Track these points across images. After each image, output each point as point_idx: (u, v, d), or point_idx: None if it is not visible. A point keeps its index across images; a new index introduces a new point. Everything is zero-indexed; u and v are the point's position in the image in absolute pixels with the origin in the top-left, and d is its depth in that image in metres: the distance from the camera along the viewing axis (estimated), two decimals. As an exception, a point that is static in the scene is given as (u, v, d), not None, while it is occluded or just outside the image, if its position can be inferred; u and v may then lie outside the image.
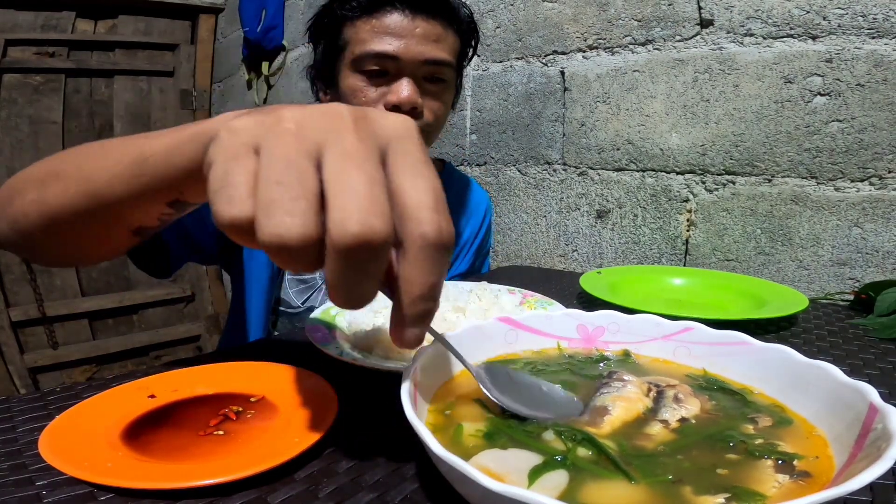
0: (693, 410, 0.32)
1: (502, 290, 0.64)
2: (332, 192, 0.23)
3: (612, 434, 0.30)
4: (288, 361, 0.45)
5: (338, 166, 0.23)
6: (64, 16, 2.17)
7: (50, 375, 2.20)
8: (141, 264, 0.67)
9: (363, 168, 0.23)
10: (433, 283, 0.25)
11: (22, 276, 2.12)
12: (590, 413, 0.32)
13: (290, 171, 0.22)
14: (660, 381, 0.35)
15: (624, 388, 0.34)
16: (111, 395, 0.39)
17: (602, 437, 0.29)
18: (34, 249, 0.46)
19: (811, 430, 0.29)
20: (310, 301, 0.83)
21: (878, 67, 0.78)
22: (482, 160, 1.35)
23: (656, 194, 1.04)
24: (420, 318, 0.26)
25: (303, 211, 0.22)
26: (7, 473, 0.31)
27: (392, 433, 0.36)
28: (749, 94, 0.90)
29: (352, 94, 0.73)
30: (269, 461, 0.30)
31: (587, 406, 0.33)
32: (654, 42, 1.01)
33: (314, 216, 0.22)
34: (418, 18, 0.71)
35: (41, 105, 2.15)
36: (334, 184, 0.23)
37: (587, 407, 0.33)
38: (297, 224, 0.22)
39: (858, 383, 0.28)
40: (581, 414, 0.32)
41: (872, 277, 0.81)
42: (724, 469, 0.26)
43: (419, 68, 0.72)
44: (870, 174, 0.81)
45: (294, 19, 1.98)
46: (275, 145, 0.23)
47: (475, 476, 0.21)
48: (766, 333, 0.60)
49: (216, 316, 2.58)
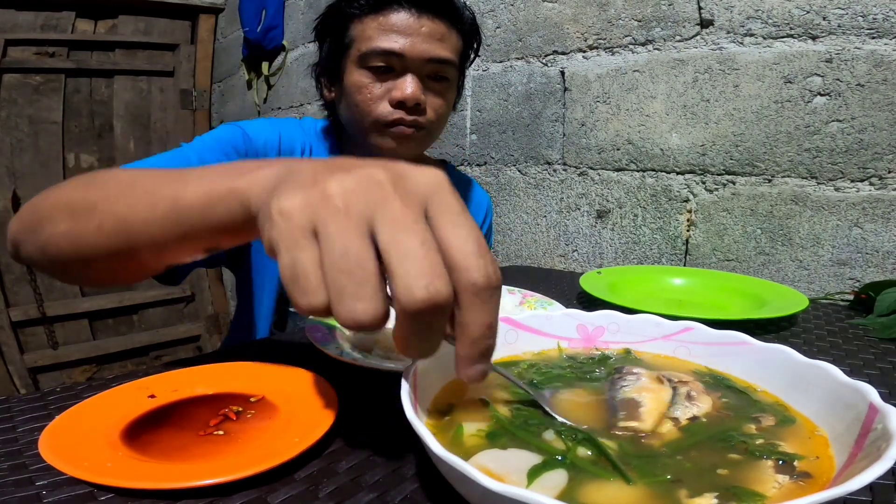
0: (704, 408, 0.32)
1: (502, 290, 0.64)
2: (393, 261, 0.24)
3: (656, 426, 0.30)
4: (288, 361, 0.45)
5: (392, 236, 0.25)
6: (64, 16, 2.17)
7: (50, 375, 2.20)
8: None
9: (415, 231, 0.25)
10: (489, 322, 0.27)
11: (22, 276, 2.12)
12: (621, 408, 0.32)
13: (350, 258, 0.25)
14: (672, 377, 0.35)
15: (640, 381, 0.34)
16: (111, 395, 0.39)
17: (648, 431, 0.30)
18: (66, 274, 0.47)
19: (813, 429, 0.29)
20: None
21: (878, 67, 0.78)
22: (482, 160, 1.35)
23: (656, 194, 1.04)
24: (482, 355, 0.28)
25: (369, 295, 0.25)
26: (7, 473, 0.31)
27: (392, 433, 0.36)
28: (749, 94, 0.90)
29: (357, 90, 0.74)
30: (269, 461, 0.30)
31: (613, 403, 0.33)
32: (655, 42, 1.01)
33: (379, 294, 0.25)
34: (424, 17, 0.72)
35: (41, 105, 2.15)
36: (393, 253, 0.25)
37: (614, 403, 0.33)
38: (366, 308, 0.25)
39: (858, 383, 0.28)
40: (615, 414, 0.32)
41: (872, 277, 0.81)
42: (725, 469, 0.26)
43: (423, 66, 0.73)
44: (870, 174, 0.81)
45: (294, 19, 1.98)
46: (332, 230, 0.25)
47: (475, 476, 0.21)
48: (766, 333, 0.60)
49: (216, 316, 2.58)
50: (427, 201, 0.27)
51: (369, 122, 0.75)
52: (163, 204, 0.35)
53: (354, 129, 0.78)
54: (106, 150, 2.35)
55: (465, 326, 0.26)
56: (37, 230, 0.43)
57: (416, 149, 0.79)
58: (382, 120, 0.74)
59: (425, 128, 0.76)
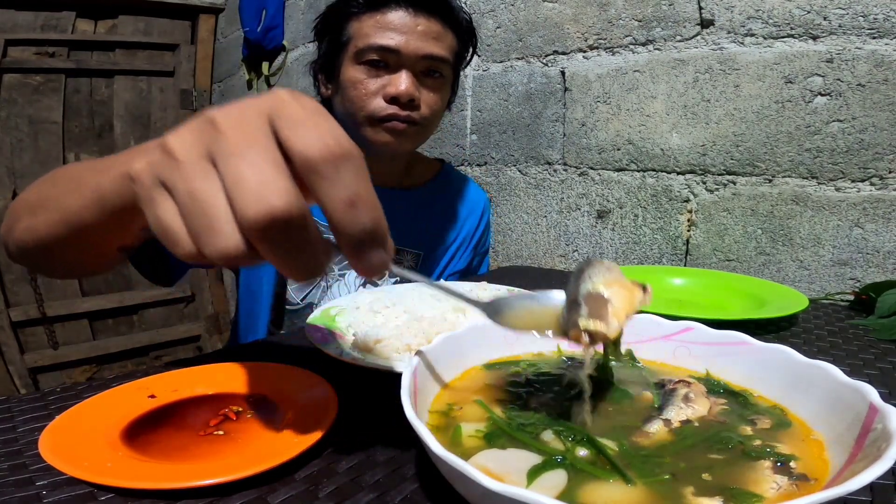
0: (700, 412, 0.32)
1: (502, 290, 0.64)
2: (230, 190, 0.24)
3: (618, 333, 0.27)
4: (288, 361, 0.45)
5: (226, 166, 0.25)
6: (64, 16, 2.17)
7: (50, 375, 2.20)
8: (144, 273, 0.68)
9: (245, 155, 0.24)
10: (344, 197, 0.25)
11: (22, 276, 2.12)
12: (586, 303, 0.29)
13: (196, 199, 0.25)
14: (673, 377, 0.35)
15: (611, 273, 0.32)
16: (111, 395, 0.39)
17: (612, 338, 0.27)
18: (39, 267, 0.51)
19: (809, 433, 0.29)
20: (310, 297, 0.84)
21: (879, 67, 0.78)
22: (482, 160, 1.35)
23: (657, 194, 1.04)
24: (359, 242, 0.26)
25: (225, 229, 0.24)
26: (7, 473, 0.31)
27: (392, 433, 0.36)
28: (750, 95, 0.90)
29: (352, 85, 0.76)
30: (269, 461, 0.30)
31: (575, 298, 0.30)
32: (655, 42, 1.01)
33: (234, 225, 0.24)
34: (420, 16, 0.74)
35: (41, 105, 2.15)
36: (228, 182, 0.24)
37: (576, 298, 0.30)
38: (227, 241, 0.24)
39: (858, 383, 0.28)
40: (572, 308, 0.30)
41: (873, 278, 0.81)
42: (722, 470, 0.26)
43: (418, 63, 0.76)
44: (870, 174, 0.81)
45: (294, 19, 1.98)
46: (176, 180, 0.25)
47: (475, 476, 0.21)
48: (766, 333, 0.60)
49: (216, 316, 2.58)
50: (271, 121, 0.26)
51: (363, 116, 0.76)
52: (89, 192, 0.37)
53: (349, 124, 0.79)
54: (106, 150, 2.35)
55: (327, 214, 0.25)
56: (12, 229, 0.47)
57: (409, 144, 0.81)
58: (376, 115, 0.75)
59: (419, 123, 0.78)
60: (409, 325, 0.52)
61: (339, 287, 0.85)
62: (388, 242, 0.28)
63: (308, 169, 0.25)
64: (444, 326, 0.52)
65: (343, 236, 0.26)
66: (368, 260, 0.27)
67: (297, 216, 0.24)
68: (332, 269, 0.84)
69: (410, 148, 0.83)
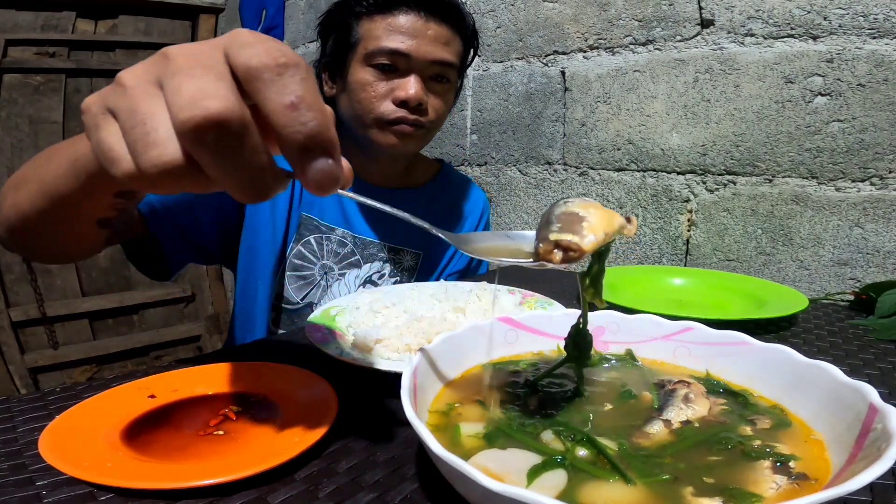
0: (700, 412, 0.32)
1: (502, 289, 0.64)
2: (169, 103, 0.24)
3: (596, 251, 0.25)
4: (288, 361, 0.45)
5: (169, 84, 0.24)
6: (64, 16, 2.17)
7: (50, 375, 2.20)
8: (141, 268, 0.68)
9: (191, 73, 0.24)
10: (287, 102, 0.24)
11: (22, 276, 2.12)
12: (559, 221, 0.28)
13: (136, 114, 0.25)
14: (673, 377, 0.35)
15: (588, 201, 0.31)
16: (111, 395, 0.39)
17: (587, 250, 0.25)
18: (26, 248, 0.51)
19: (809, 433, 0.29)
20: (309, 297, 0.84)
21: (879, 67, 0.78)
22: (483, 160, 1.35)
23: (657, 194, 1.04)
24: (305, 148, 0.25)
25: (162, 139, 0.24)
26: (7, 473, 0.31)
27: (392, 433, 0.36)
28: (750, 95, 0.90)
29: (361, 87, 0.76)
30: (269, 461, 0.30)
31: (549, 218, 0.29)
32: (655, 42, 1.01)
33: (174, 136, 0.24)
34: (431, 21, 0.74)
35: (41, 105, 2.15)
36: (170, 99, 0.24)
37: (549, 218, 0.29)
38: (162, 151, 0.24)
39: (858, 383, 0.28)
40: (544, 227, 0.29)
41: (873, 278, 0.81)
42: (722, 470, 0.26)
43: (427, 67, 0.76)
44: (871, 174, 0.81)
45: (294, 19, 1.98)
46: (121, 102, 0.25)
47: (475, 476, 0.21)
48: (766, 333, 0.60)
49: (216, 316, 2.58)
50: (226, 53, 0.25)
51: (371, 118, 0.76)
52: (65, 162, 0.38)
53: (355, 125, 0.79)
54: (106, 150, 2.35)
55: (269, 121, 0.25)
56: (0, 210, 0.48)
57: (415, 146, 0.82)
58: (385, 117, 0.76)
59: (425, 127, 0.79)
60: (409, 325, 0.52)
61: (339, 287, 0.85)
62: (338, 155, 0.26)
63: (251, 78, 0.24)
64: (444, 326, 0.52)
65: (286, 142, 0.25)
66: (314, 168, 0.26)
67: (235, 121, 0.23)
68: (331, 268, 0.84)
69: (415, 150, 0.83)
